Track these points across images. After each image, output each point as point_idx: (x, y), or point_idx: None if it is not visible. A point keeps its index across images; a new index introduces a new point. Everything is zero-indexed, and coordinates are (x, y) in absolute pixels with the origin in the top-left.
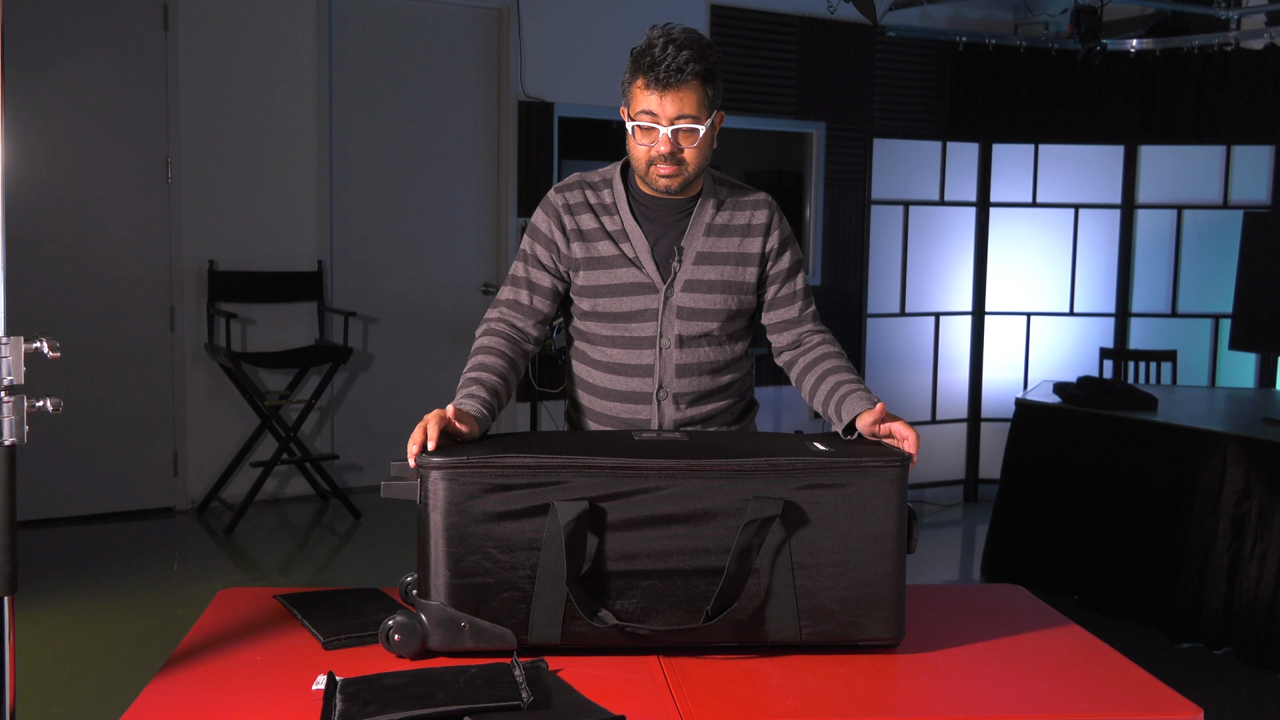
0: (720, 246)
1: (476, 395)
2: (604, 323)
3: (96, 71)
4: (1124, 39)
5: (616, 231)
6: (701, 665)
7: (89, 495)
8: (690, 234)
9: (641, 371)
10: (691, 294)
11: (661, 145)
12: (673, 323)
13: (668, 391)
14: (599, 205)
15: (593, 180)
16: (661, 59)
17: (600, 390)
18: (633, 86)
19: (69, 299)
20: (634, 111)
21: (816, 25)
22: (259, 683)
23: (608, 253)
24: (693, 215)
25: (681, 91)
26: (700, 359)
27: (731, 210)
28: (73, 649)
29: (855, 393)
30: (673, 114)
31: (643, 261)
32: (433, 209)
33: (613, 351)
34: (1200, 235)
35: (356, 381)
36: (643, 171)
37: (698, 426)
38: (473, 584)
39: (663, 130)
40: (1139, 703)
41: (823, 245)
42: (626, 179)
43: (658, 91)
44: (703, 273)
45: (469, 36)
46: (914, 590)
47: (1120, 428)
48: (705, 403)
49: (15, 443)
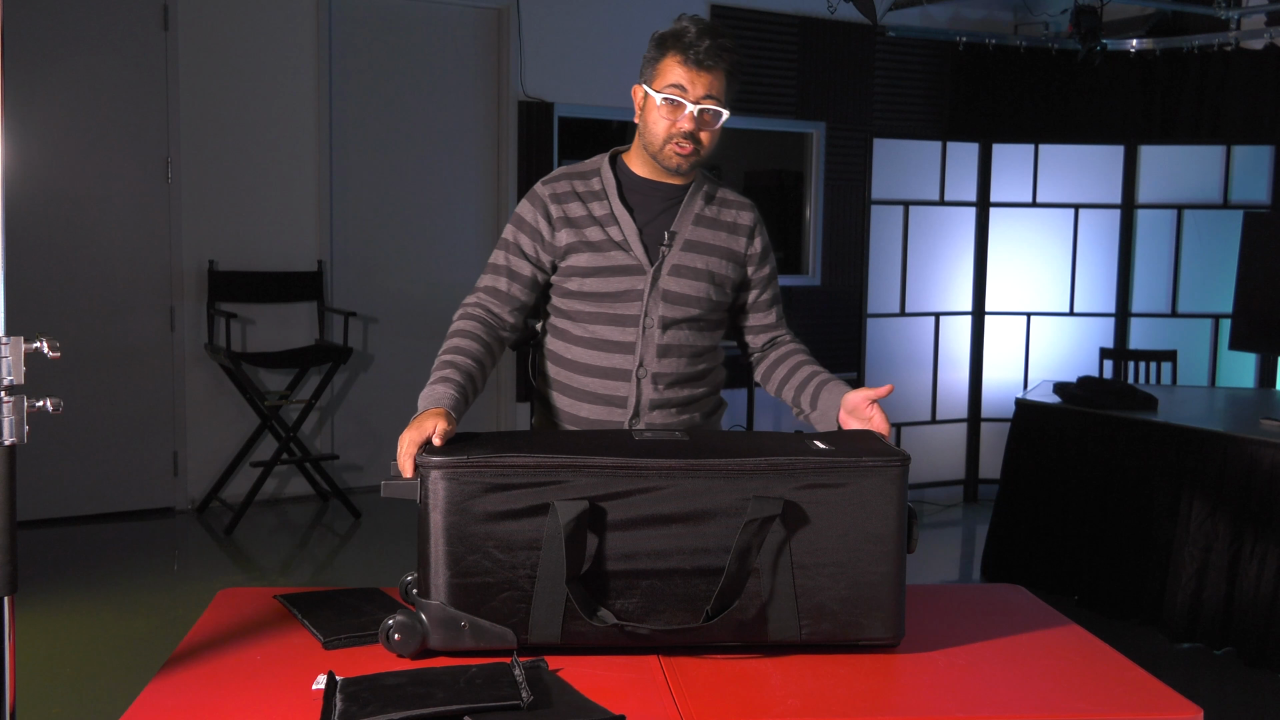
0: (708, 238)
1: (451, 379)
2: (589, 301)
3: (96, 71)
4: (1124, 39)
5: (604, 216)
6: (701, 665)
7: (89, 495)
8: (681, 220)
9: (624, 348)
10: (678, 279)
11: (685, 122)
12: (658, 304)
13: (647, 370)
14: (586, 193)
15: (580, 170)
16: (699, 41)
17: (579, 366)
18: (662, 62)
19: (69, 299)
20: (661, 85)
21: (816, 25)
22: (259, 683)
23: (596, 237)
24: (683, 203)
25: (714, 74)
26: (681, 341)
27: (720, 206)
28: (73, 649)
29: (832, 381)
30: (701, 93)
31: (631, 245)
32: (433, 209)
33: (596, 327)
34: (1200, 235)
35: (356, 381)
36: (657, 147)
37: (672, 410)
38: (473, 583)
39: (690, 107)
40: (1139, 703)
41: (823, 245)
42: (615, 167)
43: (693, 69)
44: (691, 260)
45: (469, 36)
46: (914, 590)
47: (1120, 428)
48: (682, 387)
49: (15, 443)
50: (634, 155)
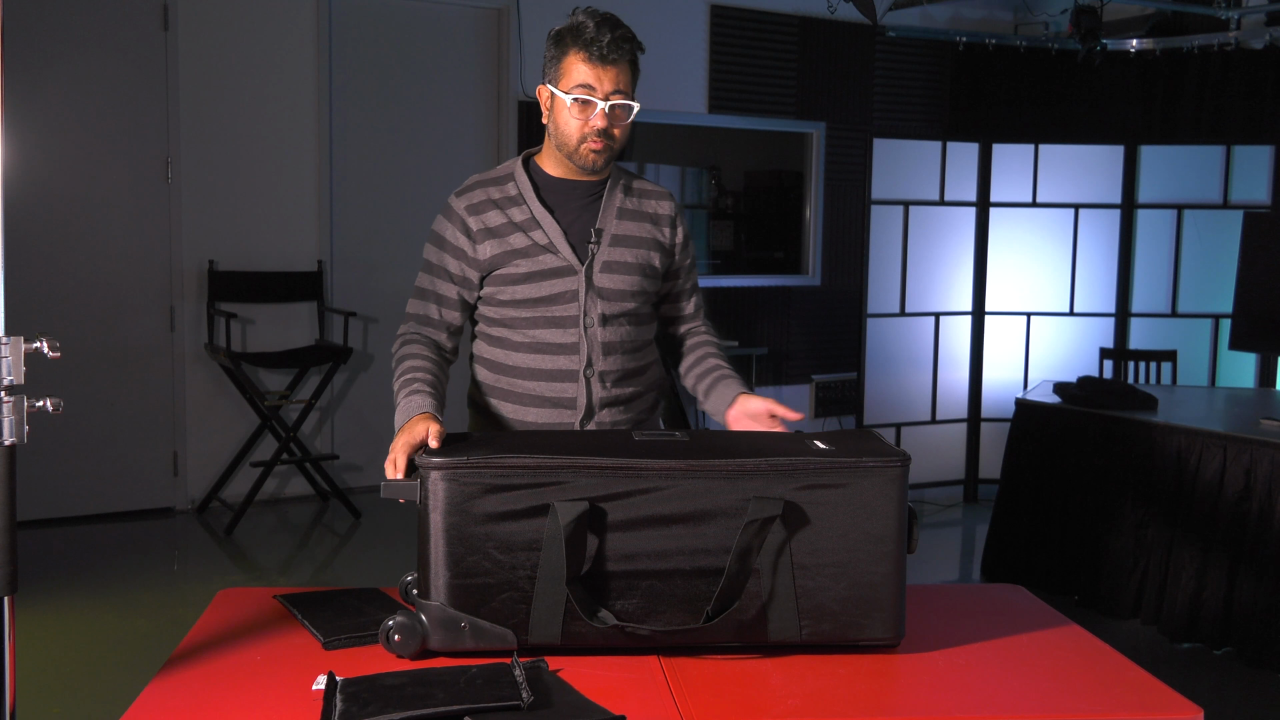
0: (633, 230)
1: (422, 391)
2: (524, 307)
3: (96, 71)
4: (1124, 39)
5: (525, 221)
6: (701, 665)
7: (89, 495)
8: (604, 216)
9: (568, 350)
10: (610, 274)
11: (598, 120)
12: (595, 302)
13: (595, 369)
14: (503, 199)
15: (492, 177)
16: (600, 35)
17: (522, 371)
18: (566, 61)
19: (69, 299)
20: (569, 86)
21: (816, 25)
22: (259, 683)
23: (520, 243)
24: (604, 199)
25: (619, 67)
26: (623, 337)
27: (639, 197)
28: (73, 649)
29: (730, 379)
30: (609, 89)
31: (558, 246)
32: (433, 209)
33: (536, 332)
34: (1200, 235)
35: (356, 381)
36: (572, 148)
37: (620, 408)
38: (473, 584)
39: (600, 104)
40: (1139, 703)
41: (823, 245)
42: (528, 169)
43: (597, 66)
44: (620, 254)
45: (469, 36)
46: (914, 590)
47: (1120, 428)
48: (627, 383)
49: (15, 443)
50: (546, 156)
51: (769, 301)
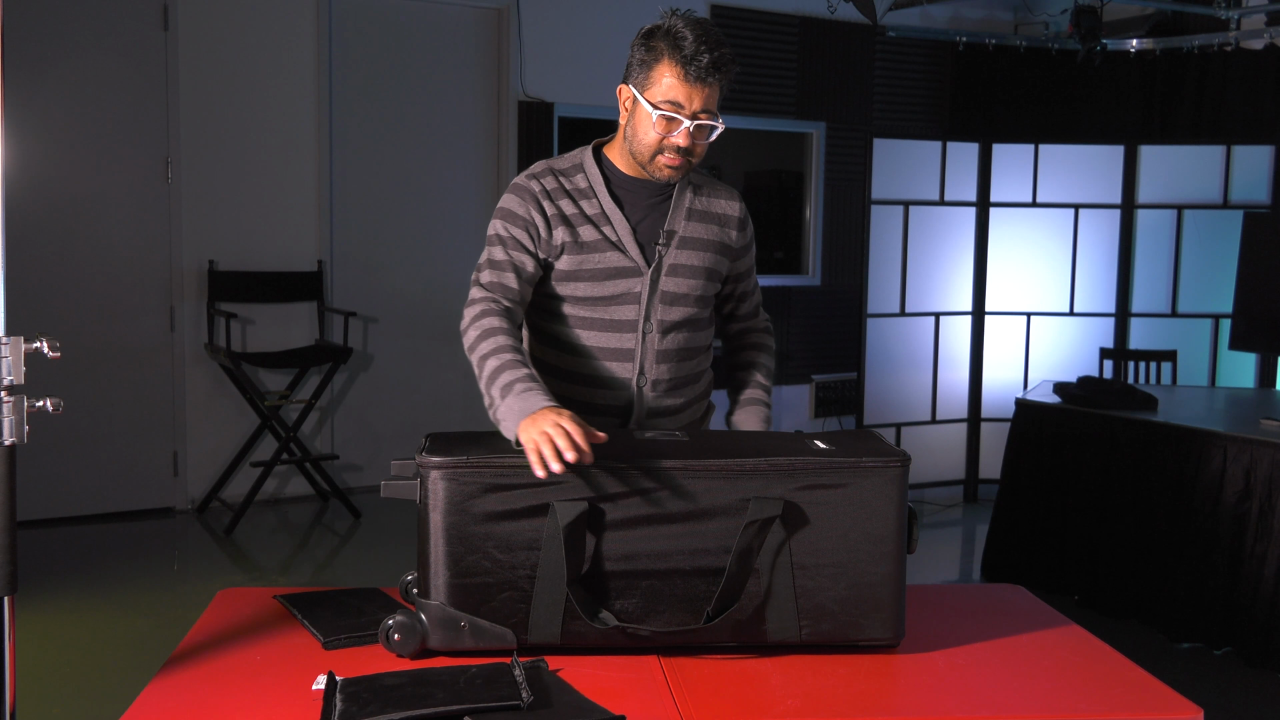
0: (702, 233)
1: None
2: (582, 306)
3: (96, 71)
4: (1124, 39)
5: (596, 215)
6: (701, 665)
7: (89, 495)
8: (673, 217)
9: (622, 355)
10: (675, 278)
11: (680, 138)
12: (657, 307)
13: (648, 377)
14: (573, 190)
15: (561, 166)
16: (699, 54)
17: (569, 375)
18: (657, 70)
19: (69, 299)
20: (656, 98)
21: (816, 25)
22: (259, 683)
23: (589, 237)
24: (673, 199)
25: (711, 88)
26: (680, 344)
27: (708, 197)
28: (73, 649)
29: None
30: (698, 107)
31: (626, 245)
32: (433, 209)
33: (590, 334)
34: (1200, 235)
35: (356, 381)
36: (646, 158)
37: (669, 419)
38: (473, 584)
39: (686, 123)
40: (1139, 703)
41: (823, 245)
42: (599, 162)
43: (691, 85)
44: (688, 258)
45: (469, 36)
46: (914, 590)
47: (1120, 428)
48: (678, 393)
49: (15, 443)
50: (617, 152)
51: (769, 301)
